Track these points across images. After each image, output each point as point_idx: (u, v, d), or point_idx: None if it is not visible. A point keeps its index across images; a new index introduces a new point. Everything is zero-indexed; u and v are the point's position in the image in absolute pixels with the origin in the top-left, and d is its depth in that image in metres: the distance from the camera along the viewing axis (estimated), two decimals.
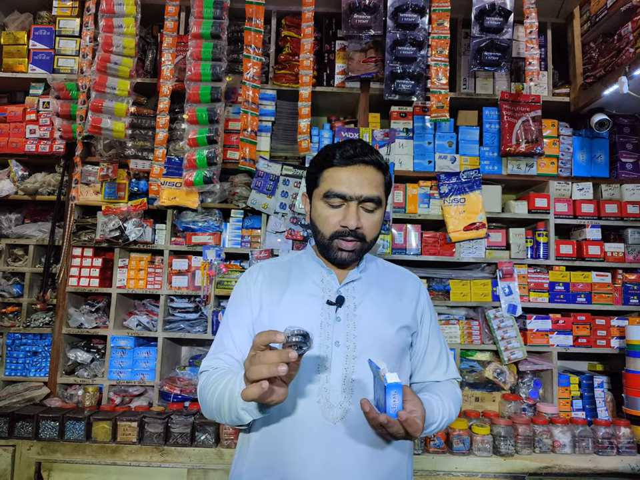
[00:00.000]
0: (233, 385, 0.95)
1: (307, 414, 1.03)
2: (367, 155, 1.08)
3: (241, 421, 0.96)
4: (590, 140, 2.52)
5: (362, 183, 1.07)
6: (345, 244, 1.08)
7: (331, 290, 1.13)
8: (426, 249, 2.39)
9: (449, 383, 1.21)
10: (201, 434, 2.05)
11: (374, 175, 1.09)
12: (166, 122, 2.30)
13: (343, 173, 1.08)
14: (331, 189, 1.08)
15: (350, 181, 1.07)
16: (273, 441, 1.04)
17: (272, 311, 1.12)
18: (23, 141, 2.46)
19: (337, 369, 1.06)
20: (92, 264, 2.38)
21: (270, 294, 1.14)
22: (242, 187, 2.40)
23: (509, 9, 2.19)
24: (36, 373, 2.37)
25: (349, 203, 1.07)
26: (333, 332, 1.08)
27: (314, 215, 1.14)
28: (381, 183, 1.11)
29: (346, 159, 1.08)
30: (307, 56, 2.30)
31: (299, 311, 1.10)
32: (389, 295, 1.17)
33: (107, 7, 2.15)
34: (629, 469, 2.04)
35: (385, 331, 1.12)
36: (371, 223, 1.09)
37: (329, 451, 1.00)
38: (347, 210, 1.07)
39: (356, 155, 1.07)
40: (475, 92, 2.52)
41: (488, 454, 2.04)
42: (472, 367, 2.35)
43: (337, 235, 1.08)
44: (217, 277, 2.35)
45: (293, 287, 1.14)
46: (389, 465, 1.05)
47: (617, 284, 2.41)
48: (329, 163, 1.10)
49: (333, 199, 1.07)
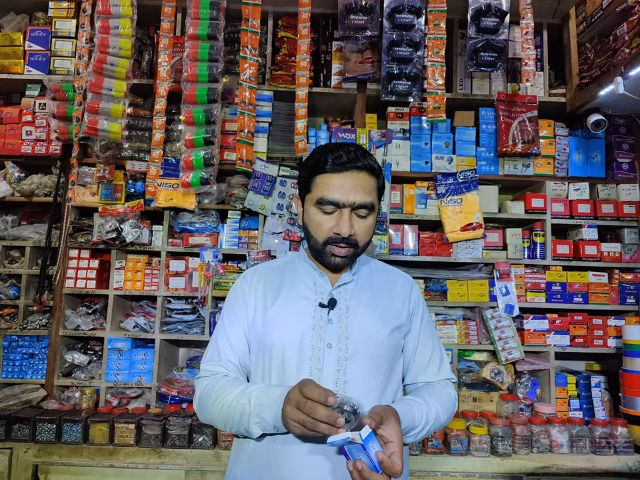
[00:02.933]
0: (248, 399, 0.99)
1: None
2: (360, 160, 1.07)
3: (249, 434, 1.00)
4: (586, 140, 2.52)
5: (355, 189, 1.06)
6: (338, 250, 1.09)
7: (323, 293, 1.13)
8: (423, 250, 2.40)
9: (441, 383, 1.20)
10: (198, 435, 2.04)
11: (367, 181, 1.08)
12: (162, 123, 2.29)
13: (335, 179, 1.07)
14: (323, 195, 1.07)
15: (343, 187, 1.06)
16: (266, 445, 1.04)
17: (265, 314, 1.12)
18: (19, 142, 2.45)
19: (329, 370, 1.06)
20: (89, 265, 2.38)
21: (264, 297, 1.15)
22: (239, 188, 2.39)
23: (505, 9, 2.19)
24: (33, 375, 2.36)
25: (341, 209, 1.07)
26: (325, 334, 1.09)
27: (306, 219, 1.14)
28: (374, 187, 1.11)
29: (339, 165, 1.06)
30: (304, 57, 2.30)
31: (291, 314, 1.11)
32: (381, 297, 1.18)
33: (103, 8, 2.15)
34: (626, 468, 2.05)
35: (377, 332, 1.12)
36: (363, 228, 1.10)
37: (321, 454, 1.00)
38: (340, 217, 1.07)
39: (349, 161, 1.06)
40: (472, 92, 2.52)
41: (485, 454, 2.04)
42: (469, 367, 2.36)
43: (330, 241, 1.08)
44: (214, 278, 2.35)
45: (286, 290, 1.15)
46: None
47: (613, 284, 2.42)
48: (322, 169, 1.08)
49: (325, 205, 1.07)
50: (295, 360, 1.07)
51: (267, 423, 0.95)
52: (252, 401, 0.98)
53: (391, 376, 1.14)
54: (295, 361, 1.07)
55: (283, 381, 1.07)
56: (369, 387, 1.08)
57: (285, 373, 1.07)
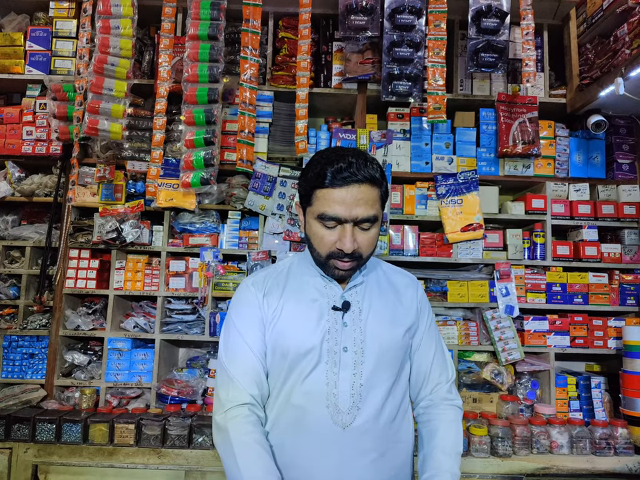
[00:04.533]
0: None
1: (316, 419, 1.03)
2: (360, 171, 1.03)
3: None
4: (586, 141, 2.52)
5: (357, 203, 1.03)
6: (342, 265, 1.08)
7: (334, 296, 1.13)
8: (423, 250, 2.39)
9: (449, 419, 1.17)
10: (198, 436, 2.04)
11: (369, 193, 1.05)
12: (163, 123, 2.29)
13: (336, 194, 1.03)
14: (325, 211, 1.04)
15: (344, 202, 1.03)
16: (281, 446, 1.04)
17: (278, 320, 1.11)
18: (19, 142, 2.45)
19: (345, 374, 1.06)
20: (89, 266, 2.38)
21: (275, 303, 1.13)
22: (239, 189, 2.39)
23: (506, 10, 2.19)
24: (33, 375, 2.36)
25: (344, 224, 1.05)
26: (341, 337, 1.09)
27: (309, 231, 1.12)
28: (376, 198, 1.07)
29: (339, 180, 1.03)
30: (304, 57, 2.30)
31: (306, 318, 1.10)
32: (390, 298, 1.18)
33: (104, 8, 2.15)
34: (627, 469, 2.05)
35: (390, 334, 1.12)
36: (367, 240, 1.08)
37: (337, 456, 1.01)
38: (343, 231, 1.05)
39: (349, 175, 1.02)
40: (472, 93, 2.52)
41: (485, 455, 2.04)
42: (469, 368, 2.35)
43: (333, 255, 1.07)
44: (215, 278, 2.35)
45: (297, 294, 1.14)
46: (395, 466, 1.07)
47: (613, 285, 2.42)
48: (321, 183, 1.05)
49: (327, 221, 1.05)
50: (312, 364, 1.07)
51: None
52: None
53: (400, 375, 1.16)
54: (311, 365, 1.07)
55: (300, 385, 1.06)
56: (383, 388, 1.09)
57: (301, 377, 1.07)
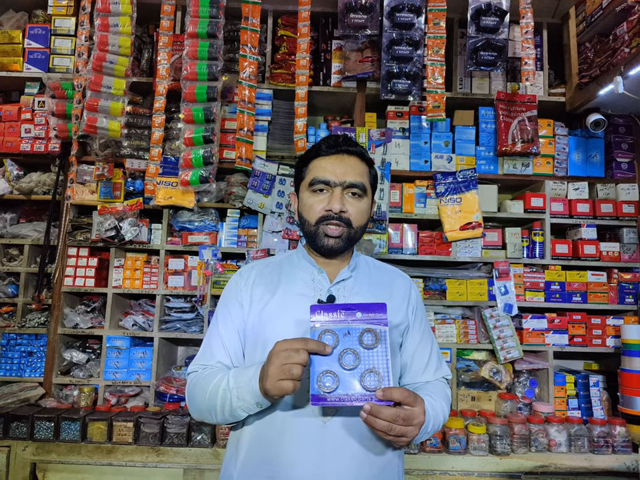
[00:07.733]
0: (227, 382, 0.99)
1: (297, 413, 1.03)
2: (351, 145, 1.13)
3: (235, 418, 1.00)
4: (585, 140, 2.52)
5: (346, 169, 1.10)
6: (331, 230, 1.09)
7: (322, 289, 1.13)
8: (422, 249, 2.40)
9: (438, 382, 1.21)
10: (197, 434, 2.04)
11: (358, 164, 1.13)
12: (162, 121, 2.29)
13: (327, 161, 1.12)
14: (315, 176, 1.11)
15: (334, 167, 1.11)
16: (263, 440, 1.04)
17: (262, 310, 1.11)
18: (18, 140, 2.45)
19: None
20: (87, 264, 2.38)
21: (261, 294, 1.14)
22: (238, 187, 2.39)
23: (505, 9, 2.19)
24: (31, 373, 2.35)
25: (333, 188, 1.10)
26: None
27: (301, 207, 1.16)
28: (365, 172, 1.14)
29: (330, 148, 1.12)
30: (304, 55, 2.29)
31: (289, 310, 1.10)
32: (380, 294, 1.17)
33: (103, 5, 2.14)
34: (625, 467, 2.05)
35: None
36: (356, 208, 1.11)
37: (318, 450, 1.00)
38: (332, 195, 1.10)
39: (339, 145, 1.12)
40: (471, 92, 2.52)
41: (484, 453, 2.04)
42: (468, 366, 2.36)
43: (322, 219, 1.10)
44: (214, 276, 2.35)
45: (284, 287, 1.14)
46: (379, 464, 1.05)
47: (612, 283, 2.42)
48: (315, 154, 1.14)
49: (317, 185, 1.10)
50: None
51: (249, 402, 0.96)
52: (230, 384, 0.98)
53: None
54: None
55: None
56: None
57: None
